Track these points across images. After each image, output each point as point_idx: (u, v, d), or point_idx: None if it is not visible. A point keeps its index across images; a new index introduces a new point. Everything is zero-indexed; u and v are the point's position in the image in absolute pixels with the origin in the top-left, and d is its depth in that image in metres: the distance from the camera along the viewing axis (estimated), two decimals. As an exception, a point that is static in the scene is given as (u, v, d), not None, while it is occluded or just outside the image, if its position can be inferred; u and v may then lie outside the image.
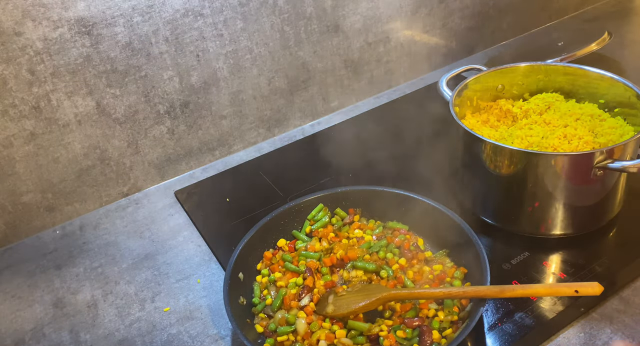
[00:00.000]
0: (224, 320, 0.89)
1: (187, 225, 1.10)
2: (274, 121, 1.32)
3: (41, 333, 0.91)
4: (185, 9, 1.09)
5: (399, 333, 0.79)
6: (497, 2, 1.52)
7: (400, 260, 0.90)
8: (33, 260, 1.07)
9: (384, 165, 1.17)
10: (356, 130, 1.31)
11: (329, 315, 0.82)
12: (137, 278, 1.00)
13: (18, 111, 1.02)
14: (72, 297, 0.98)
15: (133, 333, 0.90)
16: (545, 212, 0.92)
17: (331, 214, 1.00)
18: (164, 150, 1.20)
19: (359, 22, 1.32)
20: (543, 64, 1.07)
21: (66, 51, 1.01)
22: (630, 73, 1.38)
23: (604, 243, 0.95)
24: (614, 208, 0.95)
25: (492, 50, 1.59)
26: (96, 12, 1.01)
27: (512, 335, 0.80)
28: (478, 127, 1.03)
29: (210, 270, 0.99)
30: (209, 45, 1.15)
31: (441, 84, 1.06)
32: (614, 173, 0.88)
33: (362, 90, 1.42)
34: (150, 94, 1.13)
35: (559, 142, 0.92)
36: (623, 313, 0.82)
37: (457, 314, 0.81)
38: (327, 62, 1.32)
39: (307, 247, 0.94)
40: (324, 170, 1.17)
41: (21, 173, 1.07)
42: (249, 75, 1.23)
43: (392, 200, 0.97)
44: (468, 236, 0.86)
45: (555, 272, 0.89)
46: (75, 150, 1.10)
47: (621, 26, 1.61)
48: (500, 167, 0.91)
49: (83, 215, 1.16)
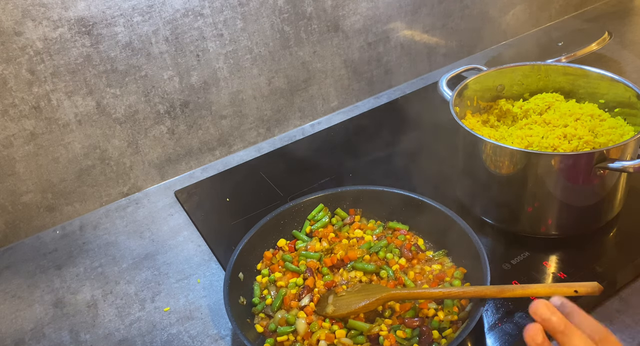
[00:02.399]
0: (224, 320, 0.89)
1: (187, 225, 1.10)
2: (274, 121, 1.32)
3: (41, 333, 0.92)
4: (185, 9, 1.09)
5: (398, 333, 0.79)
6: (497, 2, 1.52)
7: (400, 261, 0.90)
8: (33, 260, 1.07)
9: (384, 165, 1.17)
10: (356, 131, 1.32)
11: (329, 315, 0.82)
12: (137, 278, 1.00)
13: (18, 111, 1.02)
14: (72, 297, 0.98)
15: (133, 333, 0.90)
16: (545, 212, 0.92)
17: (331, 214, 1.00)
18: (164, 150, 1.20)
19: (359, 22, 1.32)
20: (543, 64, 1.07)
21: (66, 51, 1.01)
22: (630, 73, 1.38)
23: (604, 243, 0.95)
24: (614, 208, 0.95)
25: (492, 50, 1.59)
26: (96, 12, 1.01)
27: (512, 335, 0.80)
28: (478, 127, 1.03)
29: (210, 270, 0.99)
30: (209, 45, 1.15)
31: (441, 84, 1.06)
32: (614, 173, 0.88)
33: (362, 90, 1.42)
34: (150, 94, 1.13)
35: (559, 142, 0.92)
36: (623, 313, 0.82)
37: (457, 314, 0.81)
38: (327, 62, 1.32)
39: (308, 247, 0.94)
40: (324, 170, 1.17)
41: (21, 173, 1.07)
42: (249, 75, 1.23)
43: (392, 200, 0.97)
44: (468, 236, 0.86)
45: (555, 272, 0.89)
46: (75, 150, 1.10)
47: (621, 26, 1.61)
48: (500, 167, 0.91)
49: (83, 215, 1.16)
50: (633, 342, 0.78)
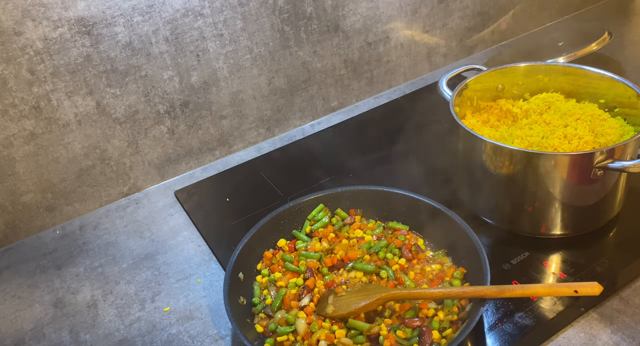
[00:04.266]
0: (224, 320, 0.89)
1: (187, 225, 1.10)
2: (274, 121, 1.32)
3: (41, 333, 0.91)
4: (185, 9, 1.09)
5: (398, 333, 0.79)
6: (497, 2, 1.52)
7: (400, 261, 0.90)
8: (33, 260, 1.07)
9: (384, 165, 1.17)
10: (356, 130, 1.31)
11: (329, 315, 0.82)
12: (137, 278, 1.00)
13: (18, 111, 1.02)
14: (72, 297, 0.98)
15: (133, 333, 0.90)
16: (545, 212, 0.92)
17: (331, 214, 1.00)
18: (164, 150, 1.20)
19: (359, 22, 1.32)
20: (543, 64, 1.07)
21: (66, 51, 1.01)
22: (630, 73, 1.38)
23: (604, 243, 0.95)
24: (614, 208, 0.95)
25: (492, 50, 1.59)
26: (96, 12, 1.01)
27: (512, 335, 0.80)
28: (478, 127, 1.03)
29: (210, 270, 0.99)
30: (209, 45, 1.15)
31: (441, 84, 1.06)
32: (614, 173, 0.88)
33: (362, 90, 1.42)
34: (150, 94, 1.13)
35: (559, 142, 0.92)
36: (623, 313, 0.82)
37: (457, 314, 0.81)
38: (327, 62, 1.32)
39: (308, 247, 0.94)
40: (324, 170, 1.17)
41: (21, 173, 1.07)
42: (249, 75, 1.23)
43: (392, 200, 0.97)
44: (468, 236, 0.86)
45: (555, 272, 0.89)
46: (75, 150, 1.10)
47: (621, 26, 1.61)
48: (500, 167, 0.91)
49: (83, 215, 1.16)
50: (633, 342, 0.78)
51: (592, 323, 0.82)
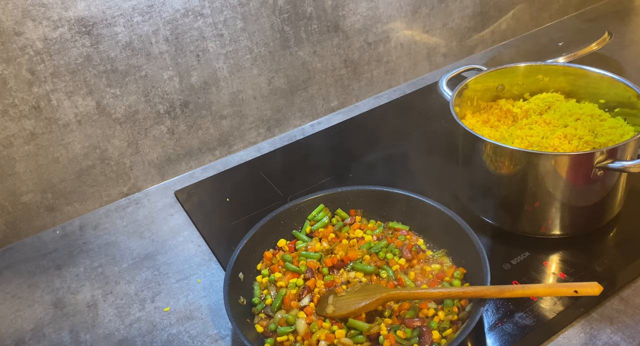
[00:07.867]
0: (224, 320, 0.89)
1: (187, 225, 1.10)
2: (274, 121, 1.32)
3: (41, 333, 0.91)
4: (185, 9, 1.09)
5: (398, 333, 0.79)
6: (497, 2, 1.52)
7: (400, 261, 0.90)
8: (33, 260, 1.07)
9: (384, 165, 1.17)
10: (356, 130, 1.31)
11: (329, 315, 0.82)
12: (137, 278, 1.00)
13: (18, 111, 1.02)
14: (72, 297, 0.98)
15: (133, 333, 0.90)
16: (545, 212, 0.92)
17: (331, 214, 1.00)
18: (164, 150, 1.20)
19: (359, 22, 1.32)
20: (543, 64, 1.07)
21: (66, 51, 1.01)
22: (630, 73, 1.38)
23: (604, 243, 0.95)
24: (614, 208, 0.95)
25: (492, 50, 1.59)
26: (96, 12, 1.01)
27: (512, 335, 0.80)
28: (478, 127, 1.03)
29: (210, 270, 0.99)
30: (209, 45, 1.15)
31: (441, 84, 1.06)
32: (614, 173, 0.88)
33: (362, 90, 1.42)
34: (150, 94, 1.13)
35: (559, 142, 0.92)
36: (623, 313, 0.82)
37: (457, 314, 0.81)
38: (327, 62, 1.32)
39: (308, 247, 0.94)
40: (324, 170, 1.17)
41: (21, 173, 1.07)
42: (249, 75, 1.23)
43: (392, 201, 0.97)
44: (468, 236, 0.86)
45: (555, 272, 0.89)
46: (75, 150, 1.10)
47: (621, 26, 1.61)
48: (500, 167, 0.91)
49: (83, 215, 1.16)
50: (633, 342, 0.78)
51: (592, 323, 0.82)
